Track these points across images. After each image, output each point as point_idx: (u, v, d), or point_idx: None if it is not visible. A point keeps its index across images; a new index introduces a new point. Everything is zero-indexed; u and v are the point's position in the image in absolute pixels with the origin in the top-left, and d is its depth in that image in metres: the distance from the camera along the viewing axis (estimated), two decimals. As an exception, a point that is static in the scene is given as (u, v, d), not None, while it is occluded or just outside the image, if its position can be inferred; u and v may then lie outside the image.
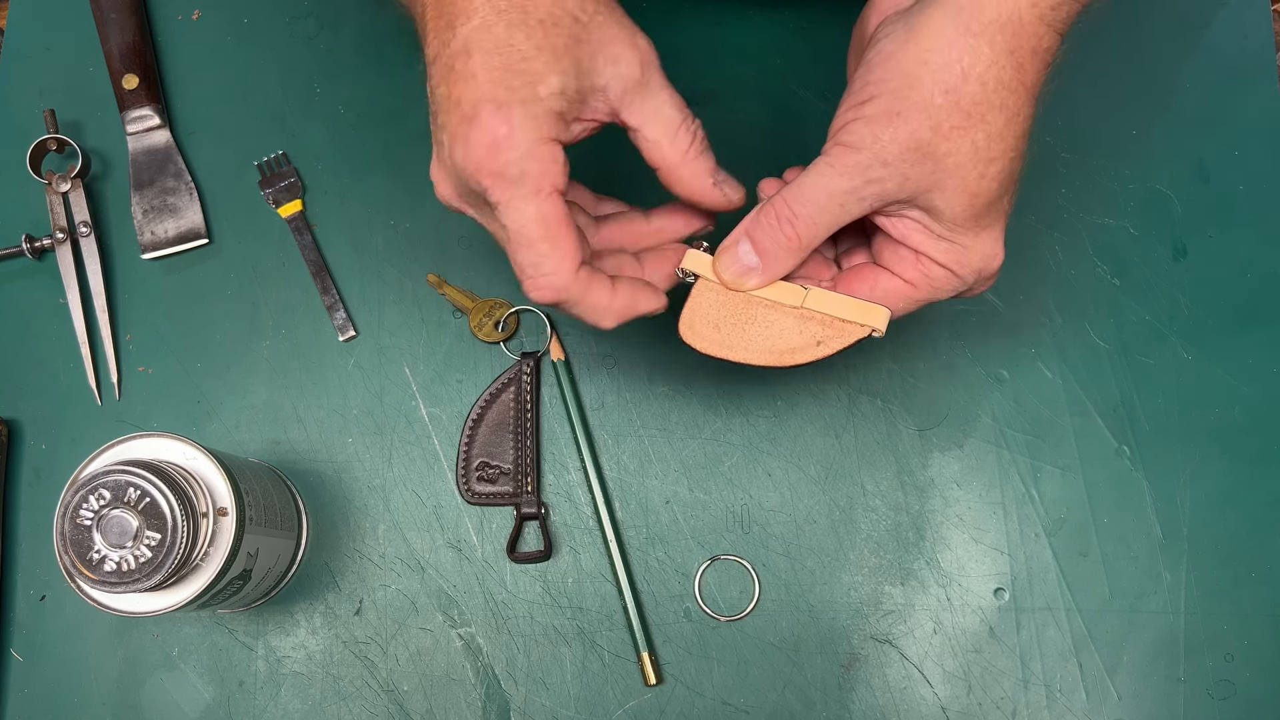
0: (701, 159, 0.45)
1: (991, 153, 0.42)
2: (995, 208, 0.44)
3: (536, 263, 0.43)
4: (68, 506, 0.47)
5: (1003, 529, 0.60)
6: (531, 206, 0.42)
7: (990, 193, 0.43)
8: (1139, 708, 0.58)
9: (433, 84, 0.42)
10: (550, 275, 0.43)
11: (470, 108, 0.41)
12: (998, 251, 0.45)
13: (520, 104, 0.40)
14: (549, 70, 0.41)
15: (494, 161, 0.41)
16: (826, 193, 0.44)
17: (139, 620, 0.58)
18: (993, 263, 0.45)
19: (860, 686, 0.58)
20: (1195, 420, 0.61)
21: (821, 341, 0.47)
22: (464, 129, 0.41)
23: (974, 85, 0.41)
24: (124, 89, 0.65)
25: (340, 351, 0.63)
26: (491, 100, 0.40)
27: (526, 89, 0.41)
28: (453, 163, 0.42)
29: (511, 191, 0.42)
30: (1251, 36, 0.66)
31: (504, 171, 0.41)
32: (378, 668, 0.59)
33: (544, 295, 0.44)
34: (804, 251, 0.46)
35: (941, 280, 0.46)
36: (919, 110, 0.41)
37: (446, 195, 0.45)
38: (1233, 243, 0.63)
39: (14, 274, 0.64)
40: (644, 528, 0.60)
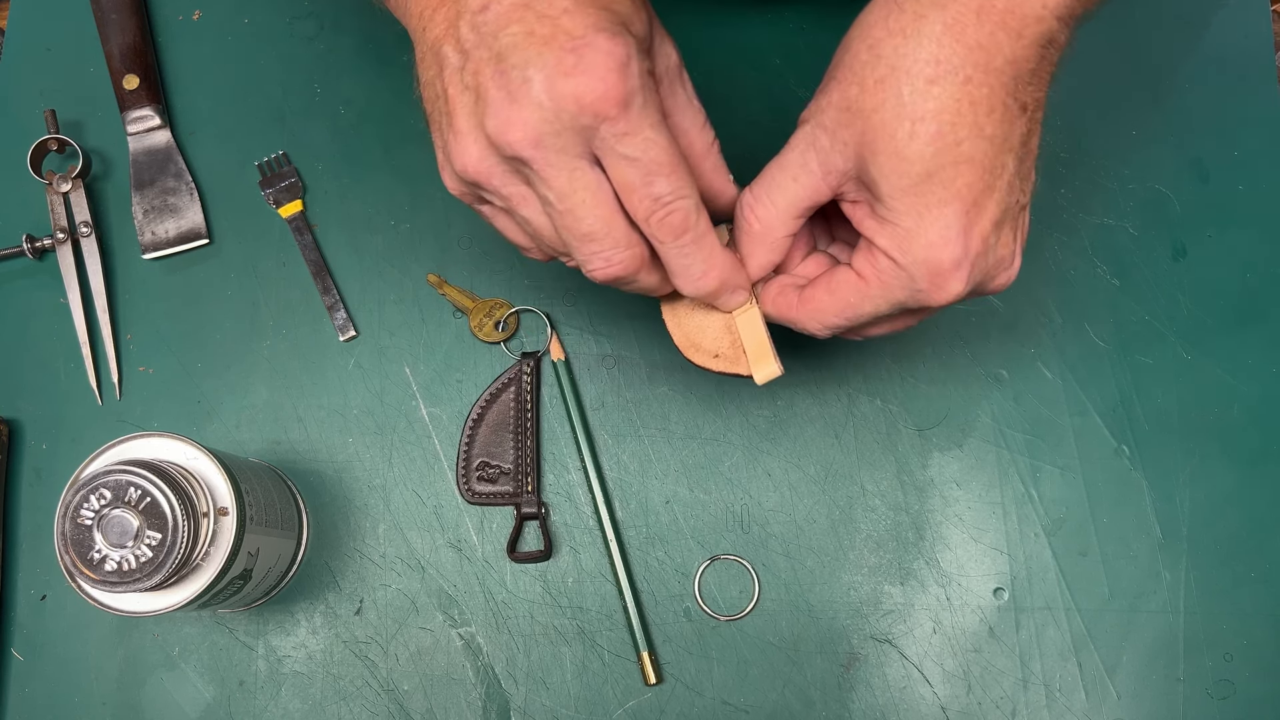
0: (721, 156, 0.45)
1: (919, 109, 0.39)
2: (938, 183, 0.40)
3: (675, 188, 0.40)
4: (68, 506, 0.47)
5: (1002, 529, 0.60)
6: (661, 134, 0.39)
7: (923, 158, 0.39)
8: (1138, 707, 0.58)
9: (485, 31, 0.39)
10: (685, 199, 0.41)
11: (575, 39, 0.37)
12: (948, 241, 0.40)
13: (628, 37, 0.38)
14: (634, 15, 0.40)
15: (622, 86, 0.38)
16: (779, 167, 0.44)
17: (139, 620, 0.58)
18: (939, 254, 0.41)
19: (860, 686, 0.58)
20: (1195, 420, 0.61)
21: (719, 355, 0.48)
22: (572, 59, 0.37)
23: (896, 38, 0.40)
24: (124, 89, 0.65)
25: (340, 351, 0.63)
26: (603, 29, 0.38)
27: (626, 26, 0.39)
28: (555, 98, 0.38)
29: (640, 120, 0.39)
30: (1251, 36, 0.66)
31: (630, 100, 0.38)
32: (378, 667, 0.59)
33: (675, 221, 0.41)
34: (768, 235, 0.45)
35: (888, 272, 0.42)
36: (848, 69, 0.41)
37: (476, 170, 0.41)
38: (1232, 243, 0.63)
39: (14, 274, 0.64)
40: (644, 528, 0.60)
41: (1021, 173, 0.42)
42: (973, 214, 0.40)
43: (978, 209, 0.40)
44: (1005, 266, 0.43)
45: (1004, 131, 0.40)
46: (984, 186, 0.40)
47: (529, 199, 0.42)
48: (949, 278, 0.41)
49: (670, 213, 0.41)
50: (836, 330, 0.45)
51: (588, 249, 0.42)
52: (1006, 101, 0.40)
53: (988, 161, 0.40)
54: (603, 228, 0.41)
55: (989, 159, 0.40)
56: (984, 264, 0.42)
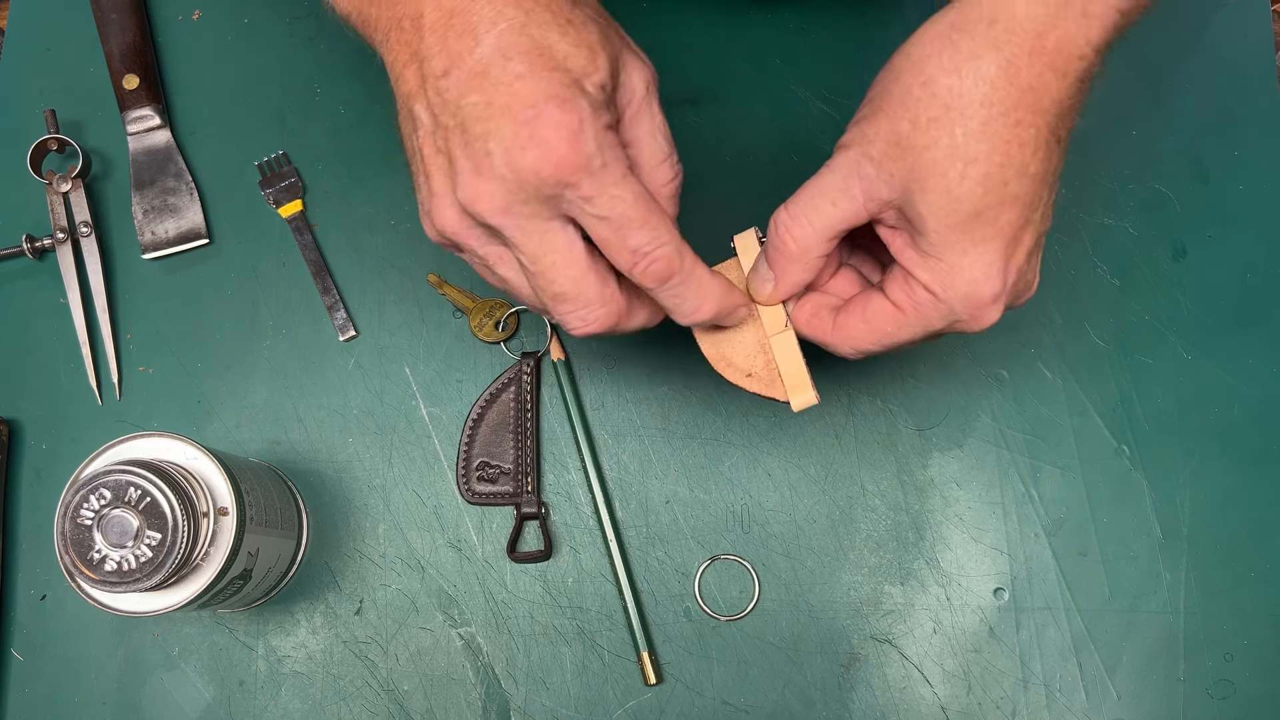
0: (672, 202, 0.45)
1: (971, 151, 0.40)
2: (983, 221, 0.41)
3: (651, 238, 0.41)
4: (68, 506, 0.47)
5: (1002, 529, 0.60)
6: (627, 190, 0.40)
7: (973, 198, 0.40)
8: (1138, 707, 0.58)
9: (448, 97, 0.40)
10: (664, 246, 0.41)
11: (529, 109, 0.38)
12: (990, 278, 0.42)
13: (580, 96, 0.39)
14: (590, 66, 0.40)
15: (577, 155, 0.39)
16: (819, 190, 0.43)
17: (139, 620, 0.58)
18: (981, 289, 0.42)
19: (860, 686, 0.58)
20: (1195, 420, 0.61)
21: (752, 375, 0.48)
22: (528, 131, 0.39)
23: (951, 77, 0.40)
24: (124, 89, 0.65)
25: (340, 351, 0.63)
26: (553, 97, 0.38)
27: (577, 85, 0.39)
28: (515, 170, 0.39)
29: (603, 180, 0.40)
30: (1251, 36, 0.66)
31: (589, 163, 0.39)
32: (378, 667, 0.59)
33: (659, 269, 0.42)
34: (803, 256, 0.45)
35: (927, 305, 0.43)
36: (898, 103, 0.41)
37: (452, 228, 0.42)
38: (1232, 243, 0.63)
39: (14, 274, 0.64)
40: (644, 528, 0.60)
41: (1051, 202, 0.43)
42: (1011, 248, 0.42)
43: (1016, 243, 0.42)
44: (1030, 288, 0.45)
45: (1045, 168, 0.41)
46: (1024, 222, 0.42)
47: (506, 258, 0.43)
48: (988, 310, 0.43)
49: (652, 262, 0.41)
50: (867, 355, 0.46)
51: (562, 309, 0.43)
52: (1049, 140, 0.41)
53: (1029, 199, 0.41)
54: (574, 288, 0.42)
55: (1031, 196, 0.41)
56: (1015, 291, 0.43)
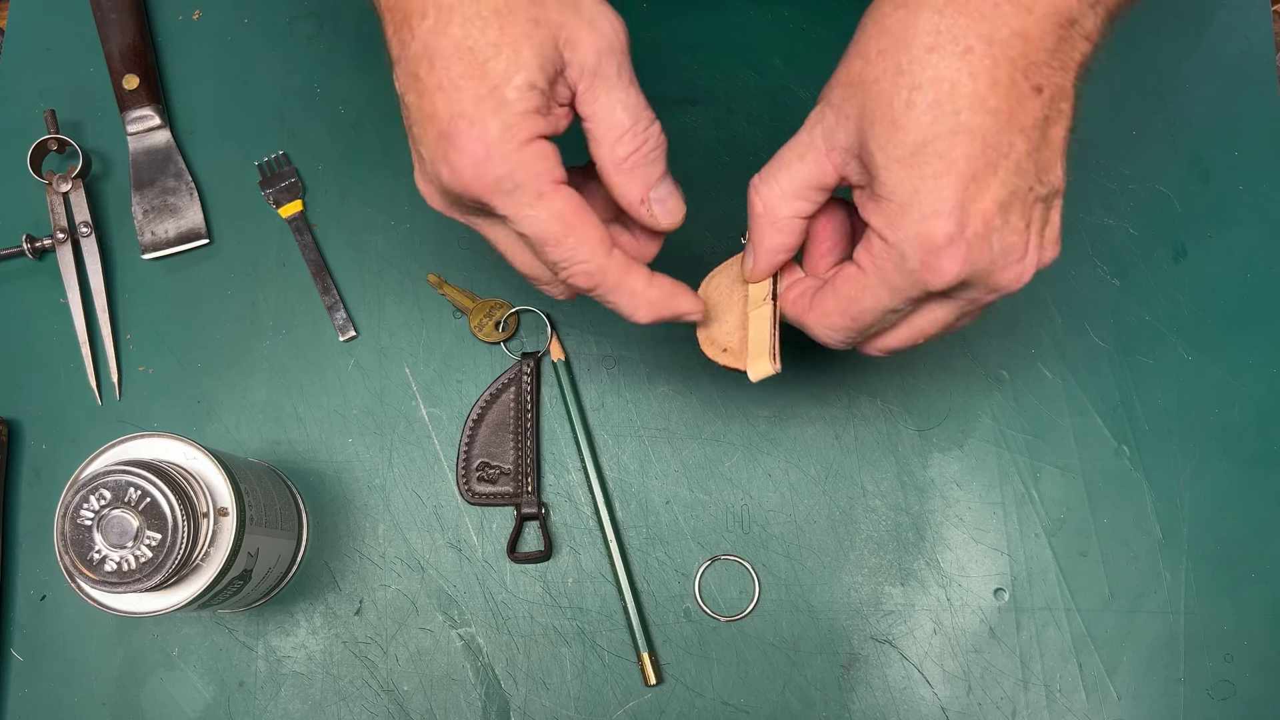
0: (638, 172, 0.43)
1: (916, 78, 0.38)
2: (933, 153, 0.38)
3: (568, 256, 0.42)
4: (68, 506, 0.47)
5: (1003, 529, 0.60)
6: (542, 209, 0.41)
7: (919, 126, 0.38)
8: (1139, 708, 0.58)
9: (400, 88, 0.41)
10: (584, 263, 0.42)
11: (445, 123, 0.39)
12: (940, 214, 0.38)
13: (492, 114, 0.39)
14: (512, 68, 0.39)
15: (483, 180, 0.40)
16: (788, 148, 0.43)
17: (139, 620, 0.58)
18: (931, 226, 0.38)
19: (860, 686, 0.58)
20: (1195, 420, 0.61)
21: (727, 350, 0.48)
22: (443, 149, 0.40)
23: (900, 10, 0.39)
24: (124, 89, 0.65)
25: (340, 351, 0.63)
26: (463, 116, 0.39)
27: (494, 96, 0.39)
28: (440, 182, 0.41)
29: (515, 201, 0.40)
30: (1251, 36, 0.66)
31: (497, 187, 0.40)
32: (378, 668, 0.59)
33: (580, 284, 0.43)
34: (771, 216, 0.44)
35: (881, 254, 0.40)
36: (854, 44, 0.41)
37: (438, 207, 0.44)
38: (1233, 243, 0.63)
39: (14, 274, 0.64)
40: (644, 528, 0.60)
41: (1039, 160, 0.40)
42: (971, 189, 0.39)
43: (977, 184, 0.39)
44: (1015, 258, 0.40)
45: (1010, 108, 0.38)
46: (985, 162, 0.38)
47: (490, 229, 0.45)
48: (942, 254, 0.39)
49: (570, 276, 0.43)
50: (846, 334, 0.44)
51: (530, 284, 0.45)
52: (1015, 77, 0.39)
53: (990, 137, 0.38)
54: (533, 269, 0.44)
55: (992, 134, 0.38)
56: (986, 248, 0.39)
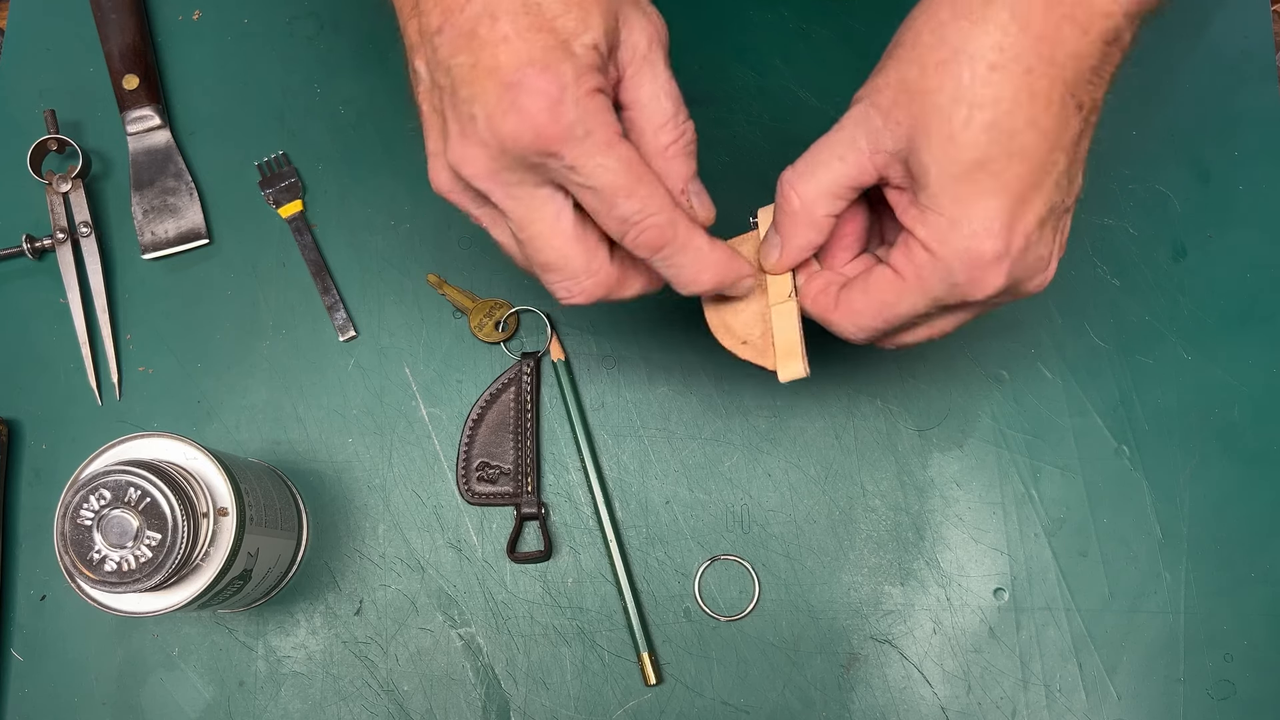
0: (678, 162, 0.43)
1: (978, 96, 0.38)
2: (987, 173, 0.39)
3: (641, 207, 0.40)
4: (68, 506, 0.47)
5: (1002, 529, 0.60)
6: (612, 157, 0.39)
7: (977, 146, 0.38)
8: (1138, 708, 0.58)
9: (441, 55, 0.39)
10: (656, 214, 0.40)
11: (512, 73, 0.38)
12: (991, 233, 0.39)
13: (565, 60, 0.38)
14: (580, 26, 0.39)
15: (558, 124, 0.38)
16: (826, 144, 0.42)
17: (139, 620, 0.58)
18: (981, 245, 0.39)
19: (860, 686, 0.58)
20: (1195, 420, 0.61)
21: (747, 343, 0.47)
22: (510, 97, 0.38)
23: (962, 21, 0.39)
24: (124, 89, 0.65)
25: (340, 351, 0.63)
26: (534, 62, 0.38)
27: (564, 47, 0.38)
28: (498, 136, 0.39)
29: (587, 148, 0.39)
30: (1251, 36, 0.66)
31: (571, 132, 0.38)
32: (378, 668, 0.59)
33: (651, 238, 0.41)
34: (808, 214, 0.43)
35: (925, 266, 0.41)
36: (908, 48, 0.40)
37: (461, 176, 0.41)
38: (1233, 243, 0.63)
39: (14, 274, 0.64)
40: (644, 528, 0.60)
41: (1070, 173, 0.41)
42: (1019, 209, 0.39)
43: (1024, 204, 0.39)
44: (1042, 268, 0.42)
45: (1058, 127, 0.39)
46: (1033, 182, 0.39)
47: (498, 221, 0.43)
48: (988, 270, 0.40)
49: (641, 231, 0.41)
50: (873, 334, 0.44)
51: (549, 278, 0.43)
52: (1065, 97, 0.39)
53: (1040, 156, 0.39)
54: (559, 258, 0.42)
55: (1041, 154, 0.39)
56: (1024, 262, 0.40)
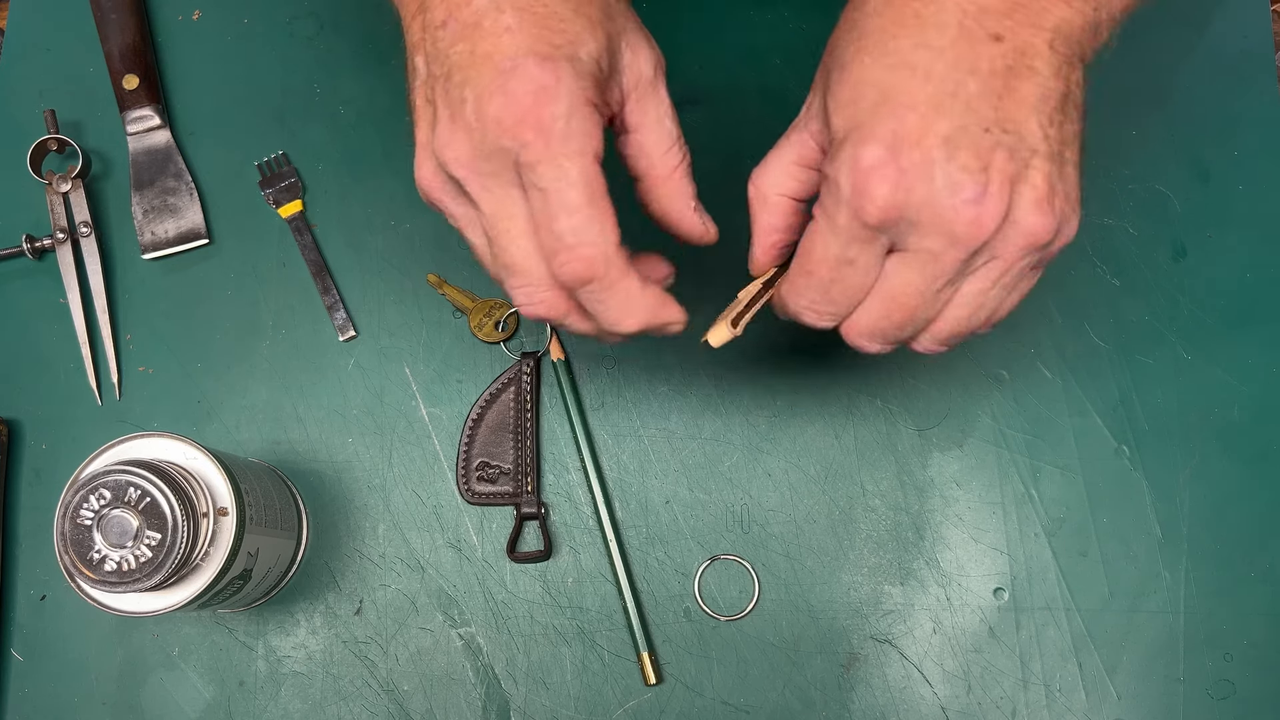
0: (686, 181, 0.44)
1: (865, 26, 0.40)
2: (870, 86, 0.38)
3: (576, 228, 0.38)
4: (68, 506, 0.47)
5: (1002, 529, 0.60)
6: (576, 167, 0.38)
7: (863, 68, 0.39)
8: (1138, 707, 0.58)
9: (441, 46, 0.39)
10: (590, 246, 0.39)
11: (508, 60, 0.38)
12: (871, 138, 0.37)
13: (565, 60, 0.38)
14: (588, 35, 0.39)
15: (538, 113, 0.37)
16: (784, 134, 0.44)
17: (139, 620, 0.58)
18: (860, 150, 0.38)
19: (860, 686, 0.58)
20: (1195, 420, 0.61)
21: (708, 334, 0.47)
22: (501, 80, 0.37)
23: None
24: (124, 89, 0.65)
25: (340, 351, 0.63)
26: (534, 53, 0.38)
27: (568, 48, 0.38)
28: (481, 118, 0.38)
29: (556, 149, 0.38)
30: (1251, 36, 0.66)
31: (549, 126, 0.38)
32: (378, 668, 0.59)
33: (577, 269, 0.39)
34: (761, 196, 0.44)
35: (825, 195, 0.39)
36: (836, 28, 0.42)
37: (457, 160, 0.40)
38: (1233, 243, 0.63)
39: (14, 274, 0.64)
40: (644, 528, 0.60)
41: (1000, 109, 0.38)
42: (910, 119, 0.37)
43: (918, 116, 0.37)
44: (964, 196, 0.37)
45: (959, 49, 0.38)
46: (927, 96, 0.38)
47: (474, 222, 0.42)
48: (871, 175, 0.37)
49: (570, 259, 0.39)
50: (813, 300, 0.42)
51: (512, 282, 0.41)
52: (965, 23, 0.38)
53: (936, 74, 0.38)
54: (524, 260, 0.40)
55: (938, 72, 0.38)
56: (924, 179, 0.37)
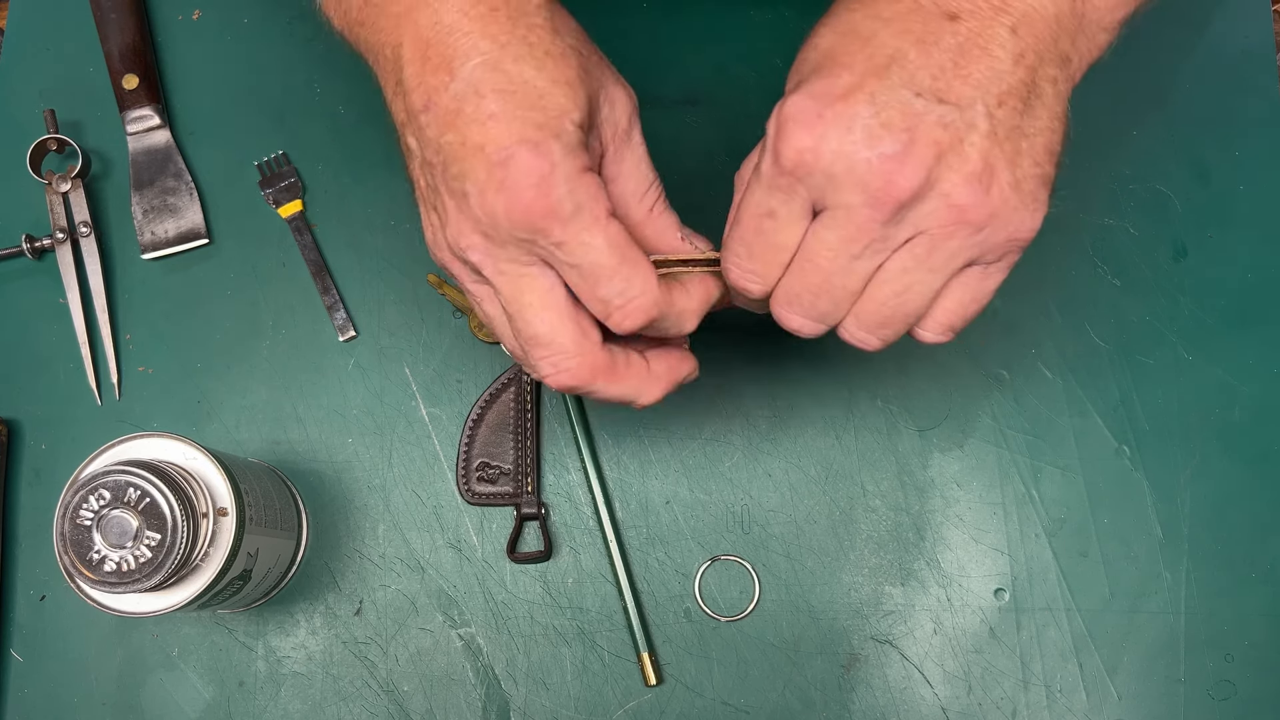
0: (665, 215, 0.45)
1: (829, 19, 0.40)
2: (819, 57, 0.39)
3: (623, 289, 0.40)
4: (68, 507, 0.47)
5: (1003, 529, 0.60)
6: (599, 235, 0.39)
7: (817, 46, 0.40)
8: (1139, 708, 0.58)
9: (429, 134, 0.40)
10: (640, 296, 0.40)
11: (500, 151, 0.38)
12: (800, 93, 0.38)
13: (554, 138, 0.38)
14: (570, 104, 0.39)
15: (545, 201, 0.38)
16: None
17: (139, 620, 0.58)
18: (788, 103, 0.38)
19: (860, 686, 0.58)
20: (1195, 420, 0.61)
21: None
22: (499, 174, 0.38)
23: None
24: (124, 89, 0.65)
25: (340, 351, 0.63)
26: (524, 140, 0.38)
27: (554, 124, 0.38)
28: (488, 213, 0.39)
29: (574, 226, 0.39)
30: (1251, 36, 0.66)
31: (558, 209, 0.38)
32: (378, 668, 0.59)
33: (638, 320, 0.41)
34: (742, 180, 0.44)
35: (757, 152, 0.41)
36: None
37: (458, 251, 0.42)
38: (1233, 243, 0.63)
39: (14, 274, 0.64)
40: (644, 528, 0.60)
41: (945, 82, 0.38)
42: (841, 76, 0.38)
43: (850, 74, 0.38)
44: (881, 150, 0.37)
45: (905, 21, 0.38)
46: (865, 58, 0.38)
47: (490, 297, 0.43)
48: (789, 122, 0.38)
49: (625, 316, 0.41)
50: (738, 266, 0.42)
51: (536, 354, 0.42)
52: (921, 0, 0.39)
53: (877, 40, 0.38)
54: (549, 332, 0.41)
55: (880, 39, 0.38)
56: (844, 130, 0.38)
